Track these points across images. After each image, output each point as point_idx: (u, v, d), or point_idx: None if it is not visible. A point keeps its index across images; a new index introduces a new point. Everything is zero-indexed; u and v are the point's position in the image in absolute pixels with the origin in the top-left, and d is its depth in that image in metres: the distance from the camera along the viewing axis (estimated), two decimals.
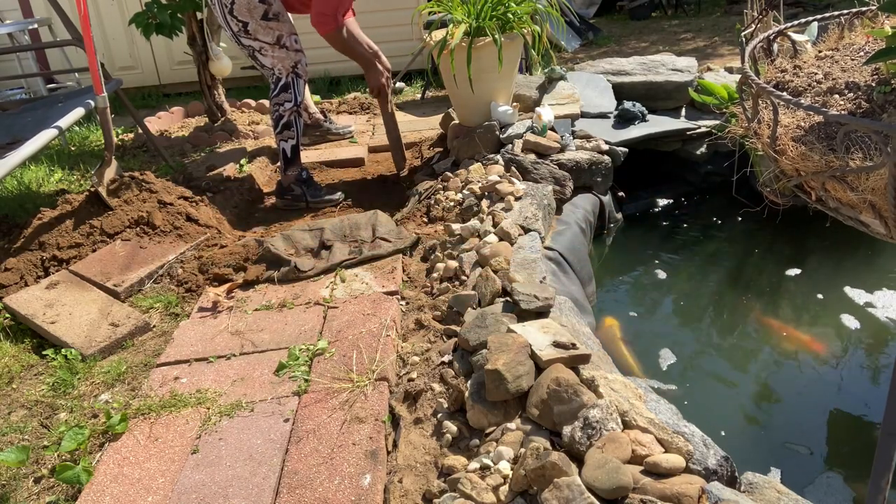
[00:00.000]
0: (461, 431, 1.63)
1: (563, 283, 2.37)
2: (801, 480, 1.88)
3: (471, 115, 3.21)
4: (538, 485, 1.35)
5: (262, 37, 3.03)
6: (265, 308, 2.31)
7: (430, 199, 2.91)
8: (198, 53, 3.98)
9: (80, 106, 2.97)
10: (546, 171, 2.82)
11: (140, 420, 1.82)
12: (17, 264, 2.61)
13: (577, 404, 1.48)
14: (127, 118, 4.44)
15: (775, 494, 1.37)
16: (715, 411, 2.16)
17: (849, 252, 2.91)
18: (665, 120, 3.53)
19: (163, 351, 2.14)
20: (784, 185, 1.34)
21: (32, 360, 2.23)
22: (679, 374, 2.35)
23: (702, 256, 3.08)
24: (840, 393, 2.20)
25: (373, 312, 2.17)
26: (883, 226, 1.17)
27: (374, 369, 1.90)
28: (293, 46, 3.09)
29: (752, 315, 2.62)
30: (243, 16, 2.99)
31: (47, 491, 1.70)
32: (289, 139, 3.15)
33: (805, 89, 1.41)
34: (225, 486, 1.58)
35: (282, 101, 3.10)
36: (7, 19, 5.13)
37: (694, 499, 1.27)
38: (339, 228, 2.68)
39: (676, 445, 1.41)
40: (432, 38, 3.16)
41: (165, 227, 2.78)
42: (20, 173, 3.69)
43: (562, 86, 3.75)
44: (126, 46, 5.34)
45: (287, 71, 3.08)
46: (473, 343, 1.81)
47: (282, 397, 1.85)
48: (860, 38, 1.60)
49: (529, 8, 3.07)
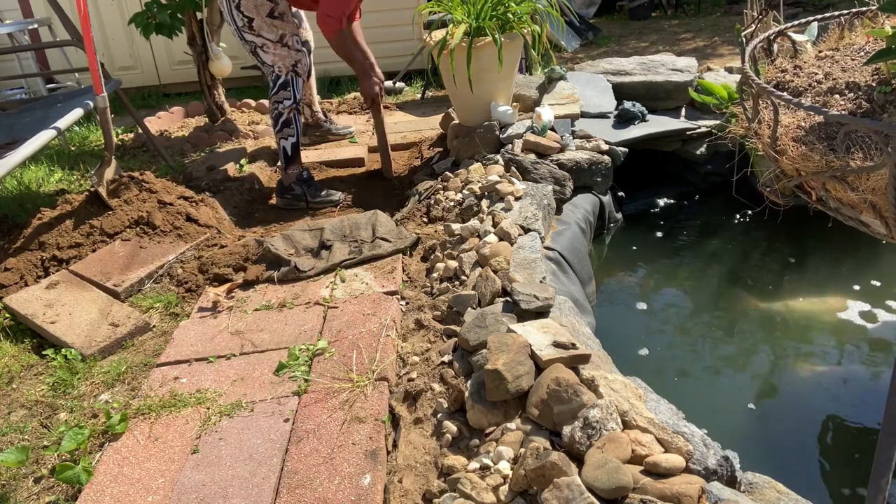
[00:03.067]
0: (461, 431, 1.63)
1: (563, 283, 2.37)
2: (801, 480, 1.88)
3: (471, 115, 3.21)
4: (538, 485, 1.35)
5: (265, 34, 3.06)
6: (265, 308, 2.31)
7: (430, 199, 2.91)
8: (198, 53, 3.98)
9: (79, 106, 2.98)
10: (546, 171, 2.82)
11: (140, 420, 1.82)
12: (17, 264, 2.61)
13: (577, 404, 1.48)
14: (127, 118, 4.44)
15: (775, 494, 1.37)
16: (715, 411, 2.16)
17: (849, 252, 2.91)
18: (665, 120, 3.53)
19: (163, 351, 2.14)
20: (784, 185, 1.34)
21: (32, 360, 2.23)
22: (678, 373, 2.35)
23: (702, 256, 3.08)
24: (840, 393, 2.20)
25: (373, 312, 2.17)
26: (883, 226, 1.17)
27: (374, 369, 1.90)
28: (295, 46, 3.12)
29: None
30: (249, 11, 3.02)
31: (47, 491, 1.70)
32: (288, 137, 3.16)
33: (805, 89, 1.41)
34: (225, 486, 1.58)
35: (281, 99, 3.12)
36: (7, 19, 5.13)
37: (694, 499, 1.27)
38: (339, 228, 2.68)
39: (676, 445, 1.41)
40: (432, 38, 3.16)
41: (165, 227, 2.79)
42: (20, 173, 3.69)
43: (562, 86, 3.74)
44: (126, 46, 5.34)
45: (287, 69, 3.10)
46: (473, 343, 1.81)
47: (282, 397, 1.85)
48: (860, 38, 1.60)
49: (529, 8, 3.07)
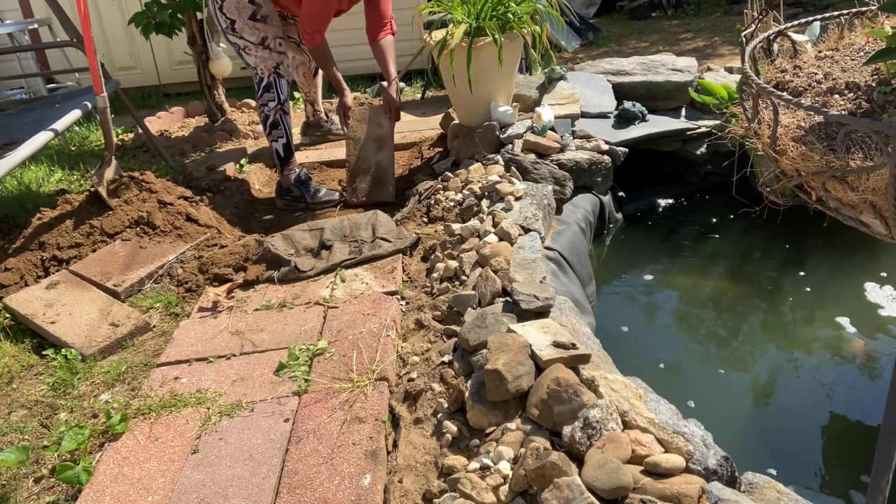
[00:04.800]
0: (461, 431, 1.63)
1: (563, 283, 2.37)
2: (801, 481, 1.88)
3: (471, 115, 3.21)
4: (538, 485, 1.35)
5: (247, 36, 3.07)
6: (265, 308, 2.31)
7: (430, 199, 2.91)
8: (198, 53, 3.98)
9: (79, 106, 2.98)
10: (546, 171, 2.82)
11: (140, 420, 1.82)
12: (17, 264, 2.61)
13: (577, 404, 1.48)
14: (127, 118, 4.44)
15: (775, 494, 1.37)
16: (714, 411, 2.16)
17: (849, 252, 2.91)
18: (665, 120, 3.53)
19: (163, 351, 2.14)
20: (784, 185, 1.34)
21: (32, 360, 2.23)
22: (678, 373, 2.35)
23: (702, 256, 3.08)
24: (840, 393, 2.20)
25: (373, 312, 2.17)
26: (883, 226, 1.17)
27: (374, 369, 1.90)
28: (277, 48, 3.13)
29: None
30: (231, 13, 3.04)
31: (47, 491, 1.70)
32: (279, 138, 3.17)
33: (805, 89, 1.41)
34: (225, 486, 1.58)
35: (266, 102, 3.14)
36: (7, 19, 5.13)
37: (694, 499, 1.27)
38: (339, 228, 2.68)
39: (676, 445, 1.41)
40: (432, 38, 3.16)
41: (165, 227, 2.79)
42: (20, 173, 3.69)
43: (562, 86, 3.74)
44: (126, 46, 5.34)
45: (269, 71, 3.11)
46: (473, 343, 1.81)
47: (282, 397, 1.85)
48: (860, 39, 1.60)
49: (529, 8, 3.07)
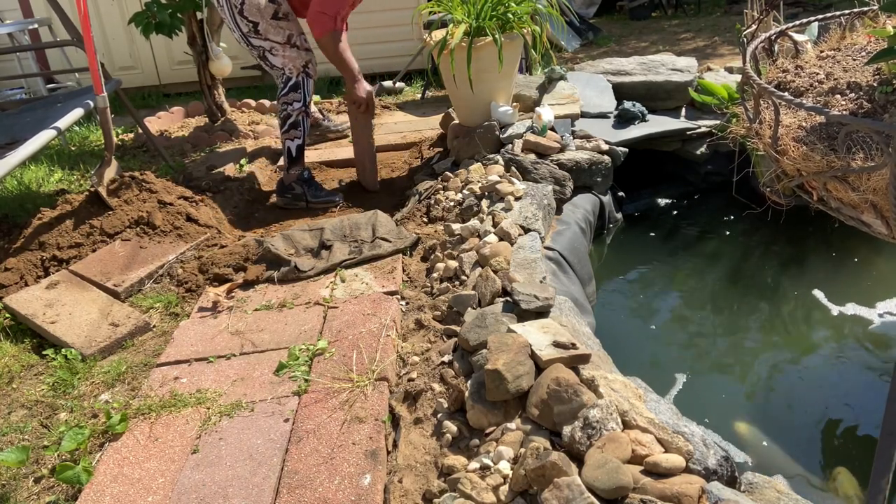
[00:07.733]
0: (461, 431, 1.63)
1: (563, 283, 2.37)
2: (800, 480, 1.88)
3: (471, 115, 3.21)
4: (538, 485, 1.35)
5: (272, 36, 3.02)
6: (265, 308, 2.31)
7: (430, 199, 2.91)
8: (198, 53, 3.97)
9: (79, 106, 2.97)
10: (546, 171, 2.82)
11: (140, 420, 1.82)
12: (17, 264, 2.61)
13: (577, 404, 1.48)
14: (127, 118, 4.44)
15: (775, 494, 1.37)
16: (714, 411, 2.16)
17: (849, 252, 2.91)
18: (665, 120, 3.53)
19: (163, 351, 2.14)
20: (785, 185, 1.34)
21: (32, 360, 2.23)
22: (678, 373, 2.35)
23: (702, 256, 3.08)
24: (840, 393, 2.20)
25: (373, 312, 2.17)
26: (884, 226, 1.17)
27: (374, 369, 1.90)
28: (304, 45, 3.09)
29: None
30: (254, 16, 2.99)
31: (47, 491, 1.70)
32: (295, 139, 3.15)
33: (806, 89, 1.41)
34: (225, 485, 1.57)
35: (290, 101, 3.09)
36: (7, 19, 5.13)
37: (694, 499, 1.27)
38: (339, 228, 2.68)
39: (676, 445, 1.41)
40: (432, 38, 3.16)
41: (165, 227, 2.78)
42: (20, 173, 3.69)
43: (562, 86, 3.74)
44: (126, 46, 5.34)
45: (298, 70, 3.08)
46: (473, 343, 1.81)
47: (282, 397, 1.85)
48: (862, 38, 1.60)
49: (529, 8, 3.06)
